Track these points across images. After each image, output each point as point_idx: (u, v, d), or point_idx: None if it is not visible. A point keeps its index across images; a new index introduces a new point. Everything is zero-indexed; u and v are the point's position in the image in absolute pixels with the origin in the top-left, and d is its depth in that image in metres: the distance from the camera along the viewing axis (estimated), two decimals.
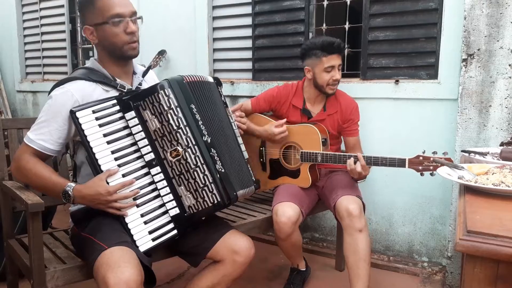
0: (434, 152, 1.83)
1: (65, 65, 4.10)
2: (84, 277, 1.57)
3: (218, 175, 1.53)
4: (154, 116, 1.50)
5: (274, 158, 2.23)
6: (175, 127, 1.50)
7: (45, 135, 1.50)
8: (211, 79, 1.69)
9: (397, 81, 2.51)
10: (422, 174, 1.87)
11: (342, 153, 2.05)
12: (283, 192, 2.09)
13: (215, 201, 1.52)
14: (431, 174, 1.84)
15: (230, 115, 1.71)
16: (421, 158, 1.85)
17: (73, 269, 1.55)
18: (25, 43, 4.44)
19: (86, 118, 1.47)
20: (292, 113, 2.24)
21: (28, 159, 1.50)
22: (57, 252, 1.70)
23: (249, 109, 2.26)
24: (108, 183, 1.46)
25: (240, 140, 1.72)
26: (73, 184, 1.48)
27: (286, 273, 2.41)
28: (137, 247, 1.46)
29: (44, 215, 1.97)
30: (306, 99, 2.23)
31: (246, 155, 1.72)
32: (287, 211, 1.96)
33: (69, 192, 1.46)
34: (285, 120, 2.14)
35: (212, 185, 1.52)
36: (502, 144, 1.81)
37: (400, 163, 1.90)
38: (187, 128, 1.50)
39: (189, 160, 1.51)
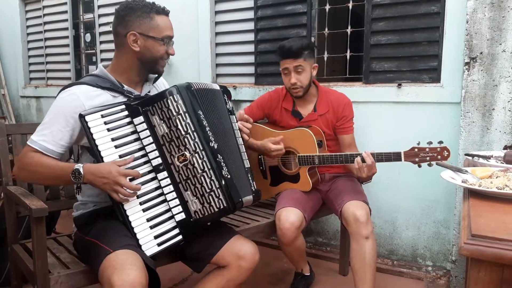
0: (429, 142, 1.81)
1: (69, 70, 4.12)
2: (88, 282, 1.57)
3: (224, 181, 1.53)
4: (162, 121, 1.51)
5: (273, 165, 2.23)
6: (183, 132, 1.51)
7: (47, 136, 1.51)
8: (217, 87, 1.70)
9: (399, 85, 2.51)
10: (419, 166, 1.85)
11: (338, 153, 2.04)
12: (286, 197, 2.09)
13: (221, 207, 1.52)
14: (429, 165, 1.82)
15: (234, 123, 1.72)
16: (416, 150, 1.84)
17: (77, 274, 1.56)
18: (29, 49, 4.47)
19: (95, 122, 1.48)
20: (284, 116, 2.25)
21: (32, 155, 1.50)
22: (61, 257, 1.70)
23: None
24: None
25: (242, 148, 1.71)
26: (82, 164, 1.47)
27: (290, 277, 2.40)
28: (143, 251, 1.47)
29: (48, 220, 1.98)
30: (295, 101, 2.23)
31: (247, 163, 1.71)
32: (290, 217, 1.95)
33: (80, 169, 1.44)
34: (281, 137, 2.11)
35: (219, 190, 1.52)
36: (505, 148, 1.81)
37: (395, 157, 1.89)
38: (195, 133, 1.51)
39: (196, 165, 1.51)
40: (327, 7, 2.77)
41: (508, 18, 2.09)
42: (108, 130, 1.50)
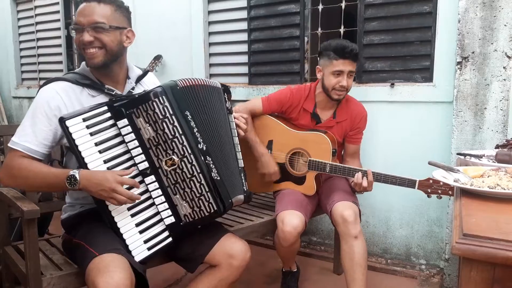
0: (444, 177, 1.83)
1: (61, 70, 4.09)
2: (80, 284, 1.56)
3: (214, 184, 1.51)
4: (148, 125, 1.45)
5: (280, 162, 2.21)
6: (170, 136, 1.46)
7: (29, 136, 1.47)
8: (215, 84, 1.66)
9: (392, 84, 2.52)
10: (429, 196, 1.89)
11: (351, 167, 2.03)
12: (288, 199, 2.07)
13: (212, 210, 1.51)
14: (438, 197, 1.87)
15: (232, 122, 1.69)
16: (431, 181, 1.86)
17: (70, 276, 1.55)
18: (21, 49, 4.44)
19: (76, 127, 1.42)
20: (302, 116, 2.21)
21: (21, 161, 1.46)
22: (54, 259, 1.69)
23: (260, 110, 2.20)
24: None
25: (238, 148, 1.70)
26: (77, 170, 1.42)
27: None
28: (133, 257, 1.45)
29: (41, 222, 1.96)
30: (317, 103, 2.19)
31: (241, 163, 1.69)
32: (293, 221, 1.93)
33: (75, 175, 1.39)
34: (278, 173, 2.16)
35: (208, 194, 1.50)
36: (497, 147, 1.81)
37: (410, 184, 1.90)
38: (182, 136, 1.47)
39: (185, 169, 1.48)
40: (320, 6, 2.78)
41: (499, 17, 2.10)
42: (91, 134, 1.44)
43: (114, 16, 1.52)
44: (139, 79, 1.70)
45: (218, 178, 1.53)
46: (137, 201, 1.47)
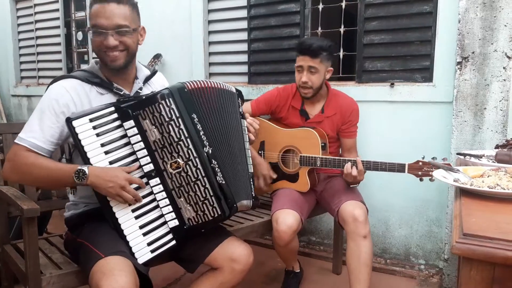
0: (434, 158, 1.83)
1: (60, 69, 4.09)
2: (80, 283, 1.56)
3: (219, 188, 1.50)
4: (154, 127, 1.45)
5: (273, 162, 2.22)
6: (176, 139, 1.46)
7: (36, 132, 1.45)
8: (229, 88, 1.66)
9: (392, 84, 2.52)
10: (421, 180, 1.88)
11: (341, 158, 2.04)
12: (283, 198, 2.07)
13: (216, 215, 1.50)
14: (431, 180, 1.86)
15: (244, 126, 1.69)
16: (420, 163, 1.86)
17: (69, 275, 1.55)
18: (20, 47, 4.43)
19: (83, 127, 1.42)
20: (292, 114, 2.23)
21: (27, 155, 1.44)
22: (53, 258, 1.69)
23: (249, 112, 2.22)
24: None
25: (248, 153, 1.69)
26: (87, 165, 1.42)
27: (283, 276, 2.40)
28: (136, 259, 1.45)
29: (40, 220, 1.96)
30: (304, 100, 2.21)
31: (251, 168, 1.69)
32: (287, 219, 1.94)
33: (85, 170, 1.38)
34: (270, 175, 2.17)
35: (213, 198, 1.49)
36: (497, 147, 1.81)
37: (399, 168, 1.90)
38: (188, 140, 1.47)
39: (189, 173, 1.48)
40: (320, 6, 2.78)
41: (499, 18, 2.10)
42: (97, 135, 1.43)
43: (133, 17, 1.52)
44: (147, 79, 1.69)
45: (223, 182, 1.52)
46: (140, 203, 1.48)
